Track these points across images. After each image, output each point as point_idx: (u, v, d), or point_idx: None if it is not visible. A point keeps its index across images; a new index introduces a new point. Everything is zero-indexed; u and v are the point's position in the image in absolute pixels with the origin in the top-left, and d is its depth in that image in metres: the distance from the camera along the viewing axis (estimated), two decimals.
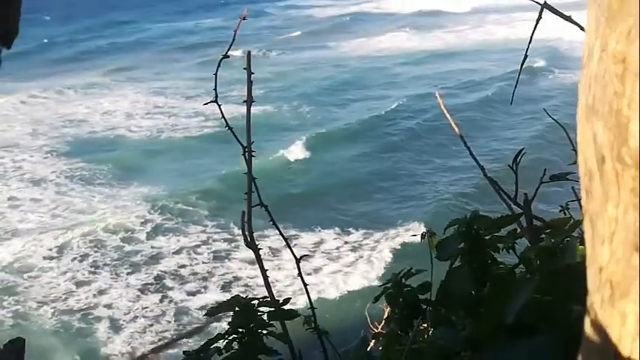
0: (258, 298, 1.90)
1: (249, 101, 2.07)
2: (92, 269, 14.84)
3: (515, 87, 2.35)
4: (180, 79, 32.06)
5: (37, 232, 16.43)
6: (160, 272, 14.66)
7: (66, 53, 42.45)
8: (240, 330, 1.84)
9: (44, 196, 19.06)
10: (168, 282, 14.49)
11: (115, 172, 20.10)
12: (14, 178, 20.37)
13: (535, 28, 1.91)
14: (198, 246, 16.03)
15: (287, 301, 1.93)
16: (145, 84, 31.93)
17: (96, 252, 15.47)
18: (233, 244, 15.70)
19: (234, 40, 2.08)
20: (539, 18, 1.91)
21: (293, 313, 1.93)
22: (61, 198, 18.84)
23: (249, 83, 2.07)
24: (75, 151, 22.20)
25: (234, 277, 14.57)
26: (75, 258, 15.22)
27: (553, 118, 2.35)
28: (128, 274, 14.62)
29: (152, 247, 15.80)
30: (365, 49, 37.91)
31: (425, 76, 30.42)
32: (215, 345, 1.85)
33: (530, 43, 1.99)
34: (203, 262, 15.47)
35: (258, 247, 2.05)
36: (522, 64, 2.08)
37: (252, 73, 2.06)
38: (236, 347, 1.85)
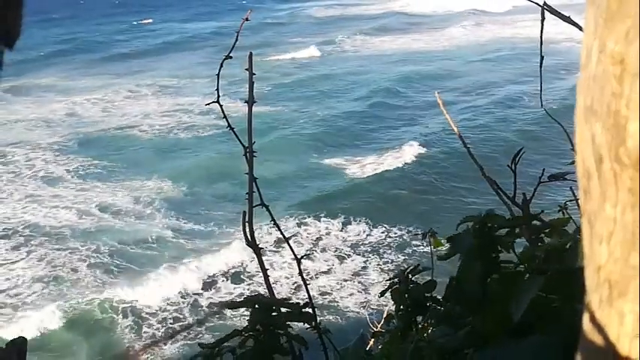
0: (279, 299, 1.90)
1: (250, 102, 2.08)
2: None
3: (541, 89, 2.34)
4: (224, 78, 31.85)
5: None
6: None
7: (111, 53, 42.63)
8: (258, 328, 1.84)
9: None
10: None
11: None
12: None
13: (542, 30, 1.92)
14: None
15: (307, 304, 1.93)
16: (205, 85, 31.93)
17: None
18: None
19: (236, 40, 2.08)
20: (543, 19, 1.91)
21: (309, 316, 1.94)
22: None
23: (251, 84, 2.07)
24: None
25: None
26: None
27: (553, 118, 2.35)
28: None
29: None
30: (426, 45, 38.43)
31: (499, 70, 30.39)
32: (228, 343, 1.86)
33: (541, 44, 1.99)
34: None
35: (259, 246, 2.06)
36: (541, 65, 2.08)
37: (254, 74, 2.06)
38: (251, 345, 1.85)
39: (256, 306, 1.86)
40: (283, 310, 1.89)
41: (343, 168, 20.83)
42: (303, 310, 1.93)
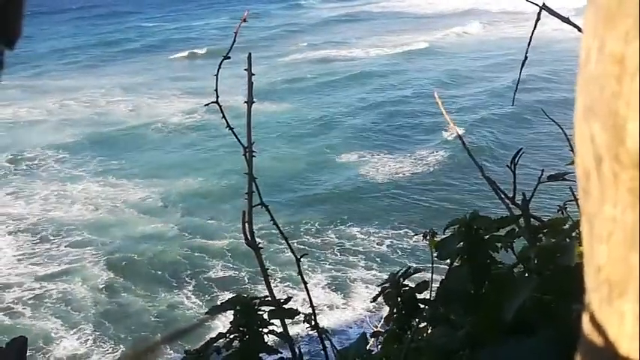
0: (259, 298, 1.91)
1: (249, 102, 2.08)
2: None
3: (516, 89, 2.36)
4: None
5: None
6: None
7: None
8: (242, 329, 1.85)
9: None
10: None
11: None
12: None
13: (534, 30, 1.92)
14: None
15: (288, 300, 1.94)
16: None
17: None
18: None
19: (234, 41, 2.08)
20: (538, 19, 1.91)
21: (293, 312, 1.94)
22: None
23: (250, 84, 2.07)
24: None
25: None
26: None
27: (551, 118, 2.36)
28: None
29: None
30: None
31: None
32: (216, 344, 1.86)
33: (529, 44, 1.99)
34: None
35: (259, 246, 2.06)
36: (522, 66, 2.08)
37: (253, 75, 2.06)
38: (237, 346, 1.85)
39: (238, 307, 1.86)
40: (267, 308, 1.90)
41: None
42: (286, 306, 1.94)
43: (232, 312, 1.92)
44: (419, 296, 2.09)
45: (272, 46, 42.47)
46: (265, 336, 1.89)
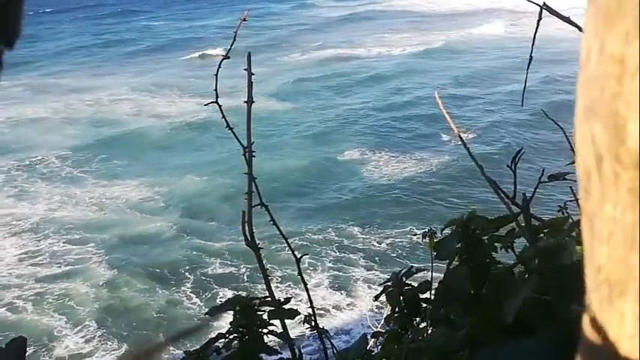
0: (259, 298, 1.90)
1: (249, 101, 2.08)
2: None
3: (524, 89, 2.35)
4: None
5: None
6: None
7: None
8: (241, 329, 1.84)
9: None
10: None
11: None
12: None
13: (536, 30, 1.91)
14: None
15: (288, 300, 1.94)
16: None
17: None
18: None
19: (234, 40, 2.08)
20: (540, 19, 1.91)
21: (293, 312, 1.94)
22: None
23: (250, 84, 2.07)
24: None
25: None
26: None
27: (551, 119, 2.35)
28: None
29: None
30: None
31: None
32: (215, 344, 1.86)
33: (533, 44, 1.99)
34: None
35: (259, 246, 2.06)
36: (528, 66, 2.08)
37: (253, 74, 2.06)
38: (236, 346, 1.85)
39: (237, 307, 1.86)
40: (267, 308, 1.90)
41: None
42: (286, 306, 1.93)
43: (232, 312, 1.92)
44: (421, 296, 2.09)
45: (278, 46, 42.57)
46: (265, 336, 1.89)
